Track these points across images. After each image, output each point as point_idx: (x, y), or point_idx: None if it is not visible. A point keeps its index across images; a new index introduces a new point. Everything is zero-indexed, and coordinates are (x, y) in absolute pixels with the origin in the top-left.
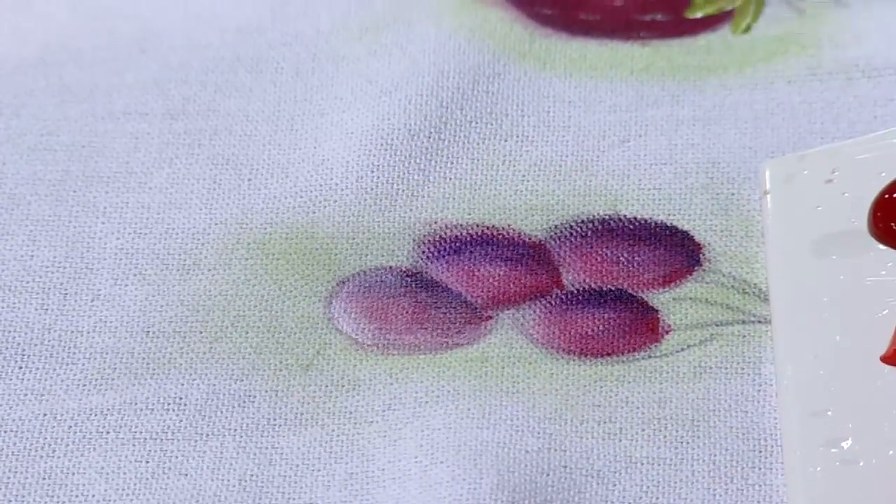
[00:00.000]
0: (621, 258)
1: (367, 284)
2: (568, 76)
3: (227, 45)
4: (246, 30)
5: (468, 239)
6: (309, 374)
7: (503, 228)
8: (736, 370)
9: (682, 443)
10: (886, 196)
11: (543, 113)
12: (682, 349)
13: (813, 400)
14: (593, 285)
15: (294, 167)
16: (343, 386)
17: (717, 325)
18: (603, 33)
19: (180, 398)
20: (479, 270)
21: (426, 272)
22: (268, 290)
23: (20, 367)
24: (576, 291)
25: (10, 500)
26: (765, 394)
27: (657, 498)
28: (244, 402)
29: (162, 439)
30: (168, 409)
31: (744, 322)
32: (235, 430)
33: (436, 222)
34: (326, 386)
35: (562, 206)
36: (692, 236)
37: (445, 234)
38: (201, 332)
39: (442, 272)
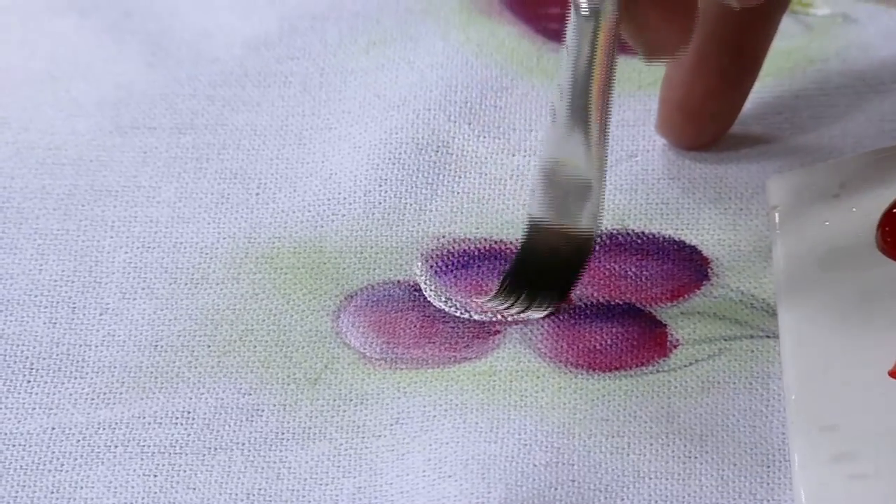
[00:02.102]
0: (629, 273)
1: (374, 298)
2: None
3: (235, 59)
4: (253, 44)
5: (476, 253)
6: (317, 388)
7: (511, 243)
8: (744, 385)
9: (690, 457)
10: (894, 211)
11: None
12: (690, 364)
13: (821, 415)
14: (601, 299)
15: (302, 181)
16: (351, 400)
17: (725, 340)
18: None
19: (188, 412)
20: (486, 285)
21: (434, 286)
22: (276, 304)
23: (28, 381)
24: (584, 306)
25: None
26: (773, 408)
27: None
28: (252, 415)
29: (170, 453)
30: (176, 423)
31: (752, 337)
32: (243, 443)
33: (443, 236)
34: (334, 400)
35: None
36: (700, 251)
37: (453, 248)
38: (209, 346)
39: (450, 286)
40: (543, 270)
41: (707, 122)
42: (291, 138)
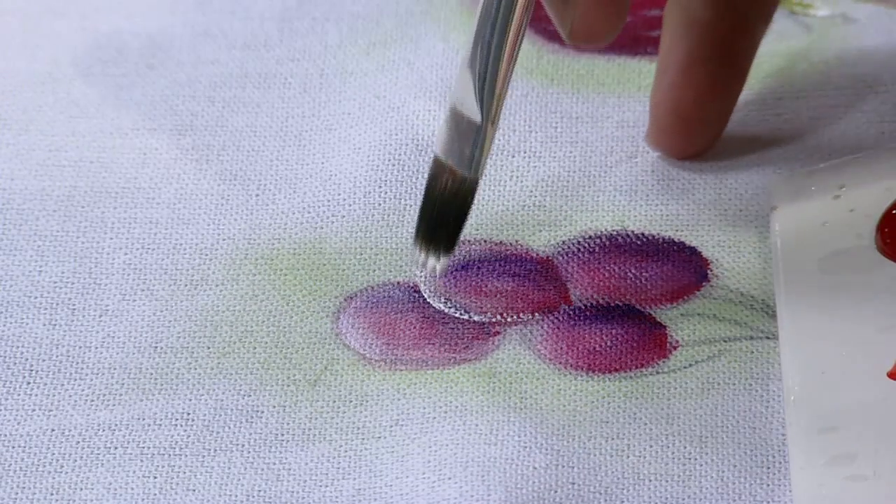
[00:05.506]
0: (629, 274)
1: (374, 300)
2: (575, 92)
3: (235, 60)
4: (253, 46)
5: (476, 255)
6: (316, 390)
7: (511, 244)
8: (744, 386)
9: (689, 459)
10: (894, 212)
11: (551, 128)
12: (690, 365)
13: (820, 416)
14: (601, 301)
15: (302, 182)
16: (351, 401)
17: (724, 341)
18: (610, 49)
19: (188, 413)
20: (486, 286)
21: (434, 287)
22: (275, 306)
23: (28, 383)
24: (583, 307)
25: None
26: (772, 410)
27: None
28: (252, 417)
29: (170, 455)
30: (176, 425)
31: (751, 338)
32: (243, 445)
33: None
34: (334, 401)
35: (569, 222)
36: (700, 252)
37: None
38: (209, 348)
39: (450, 288)
40: (439, 210)
41: (699, 127)
42: (291, 140)
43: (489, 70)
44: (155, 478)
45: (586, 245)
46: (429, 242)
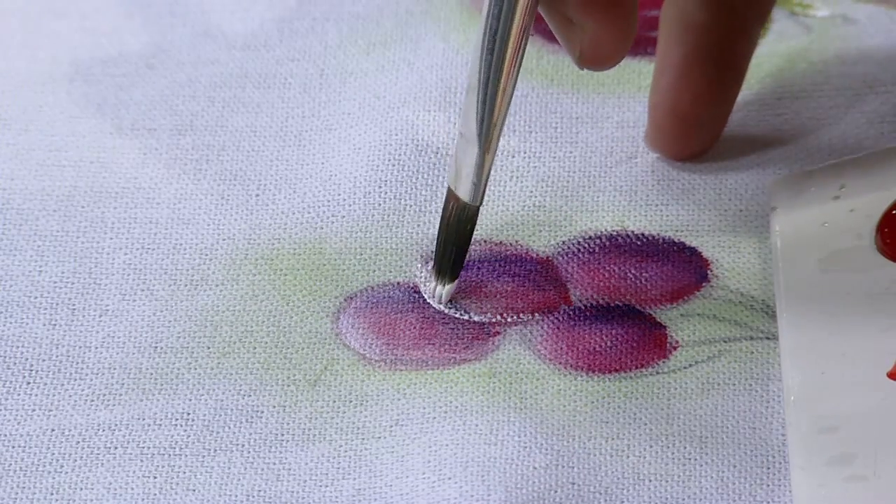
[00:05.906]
0: (629, 274)
1: (374, 300)
2: (575, 92)
3: (235, 61)
4: (253, 46)
5: (476, 255)
6: (316, 390)
7: (511, 244)
8: (744, 386)
9: (689, 459)
10: (894, 212)
11: (551, 129)
12: (690, 365)
13: (820, 416)
14: (601, 301)
15: (302, 182)
16: (351, 401)
17: (724, 342)
18: None
19: (188, 413)
20: (486, 286)
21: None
22: (275, 306)
23: (28, 383)
24: (583, 307)
25: None
26: (772, 410)
27: None
28: (252, 417)
29: (170, 455)
30: (176, 425)
31: (751, 338)
32: (243, 445)
33: None
34: (334, 401)
35: (569, 222)
36: (700, 252)
37: None
38: (209, 348)
39: None
40: (445, 238)
41: (697, 128)
42: (291, 140)
43: (488, 100)
44: (155, 478)
45: (586, 245)
46: (438, 270)
